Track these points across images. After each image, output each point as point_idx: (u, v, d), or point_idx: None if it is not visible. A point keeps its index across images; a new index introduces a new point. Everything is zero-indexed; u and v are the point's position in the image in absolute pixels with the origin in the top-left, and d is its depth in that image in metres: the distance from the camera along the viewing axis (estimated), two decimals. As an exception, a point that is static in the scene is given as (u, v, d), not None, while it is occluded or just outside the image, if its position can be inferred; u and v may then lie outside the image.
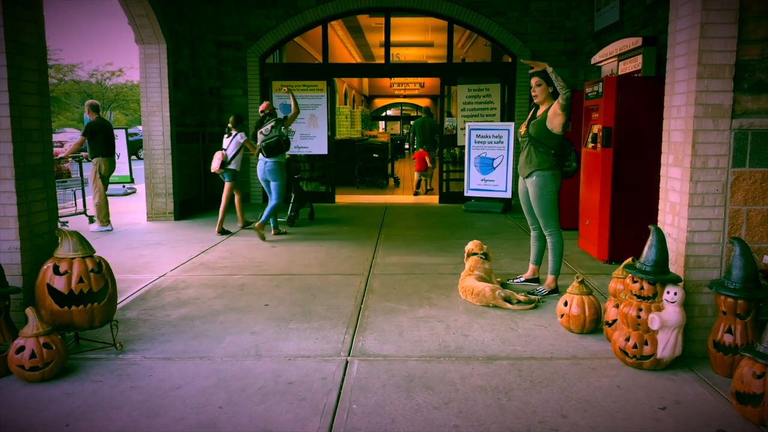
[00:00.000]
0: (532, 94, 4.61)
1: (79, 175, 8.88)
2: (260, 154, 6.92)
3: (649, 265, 3.21)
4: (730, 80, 3.18)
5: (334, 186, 10.47)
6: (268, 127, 6.82)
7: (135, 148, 18.42)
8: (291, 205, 7.89)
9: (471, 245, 4.83)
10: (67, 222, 8.00)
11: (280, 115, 9.80)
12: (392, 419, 2.70)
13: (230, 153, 7.23)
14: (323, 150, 10.15)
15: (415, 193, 11.61)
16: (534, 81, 4.57)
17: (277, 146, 6.76)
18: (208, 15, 9.47)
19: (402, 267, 5.58)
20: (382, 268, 5.52)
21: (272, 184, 6.95)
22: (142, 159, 9.40)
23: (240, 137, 7.24)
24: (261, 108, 7.10)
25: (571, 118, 4.63)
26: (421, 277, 5.18)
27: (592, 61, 7.70)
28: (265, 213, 6.90)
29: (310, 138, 10.09)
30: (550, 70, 4.36)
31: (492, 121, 9.66)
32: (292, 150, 10.14)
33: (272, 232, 7.17)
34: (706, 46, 3.16)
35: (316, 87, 9.96)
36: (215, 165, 7.21)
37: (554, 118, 4.44)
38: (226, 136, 7.36)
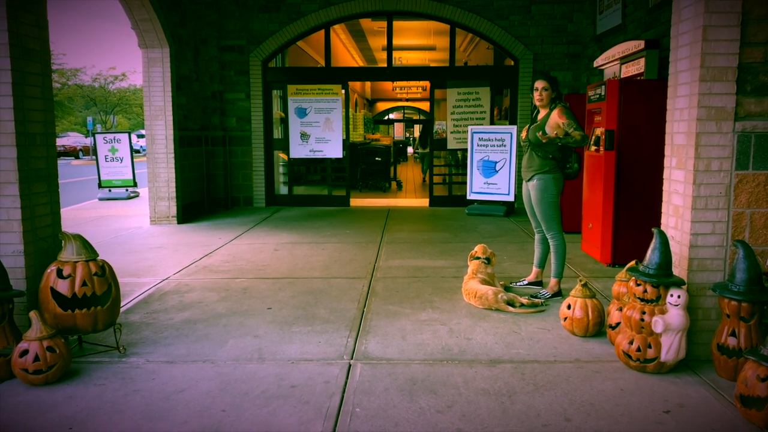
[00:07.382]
0: (536, 97, 4.53)
1: None
2: None
3: (652, 268, 3.20)
4: (733, 83, 3.18)
5: (349, 189, 10.40)
6: None
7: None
8: None
9: (476, 248, 4.81)
10: None
11: (294, 119, 9.84)
12: (395, 423, 2.70)
13: None
14: (338, 154, 10.09)
15: None
16: (540, 84, 4.48)
17: None
18: (211, 19, 9.49)
19: (405, 270, 5.58)
20: (385, 272, 5.52)
21: None
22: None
23: None
24: None
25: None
26: (423, 281, 5.18)
27: (595, 64, 7.71)
28: None
29: (326, 141, 10.04)
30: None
31: (481, 125, 9.59)
32: (308, 154, 10.12)
33: None
34: (708, 49, 3.16)
35: (332, 91, 9.93)
36: None
37: (555, 128, 4.42)
38: None
